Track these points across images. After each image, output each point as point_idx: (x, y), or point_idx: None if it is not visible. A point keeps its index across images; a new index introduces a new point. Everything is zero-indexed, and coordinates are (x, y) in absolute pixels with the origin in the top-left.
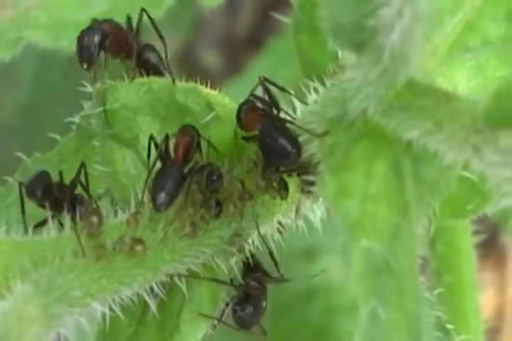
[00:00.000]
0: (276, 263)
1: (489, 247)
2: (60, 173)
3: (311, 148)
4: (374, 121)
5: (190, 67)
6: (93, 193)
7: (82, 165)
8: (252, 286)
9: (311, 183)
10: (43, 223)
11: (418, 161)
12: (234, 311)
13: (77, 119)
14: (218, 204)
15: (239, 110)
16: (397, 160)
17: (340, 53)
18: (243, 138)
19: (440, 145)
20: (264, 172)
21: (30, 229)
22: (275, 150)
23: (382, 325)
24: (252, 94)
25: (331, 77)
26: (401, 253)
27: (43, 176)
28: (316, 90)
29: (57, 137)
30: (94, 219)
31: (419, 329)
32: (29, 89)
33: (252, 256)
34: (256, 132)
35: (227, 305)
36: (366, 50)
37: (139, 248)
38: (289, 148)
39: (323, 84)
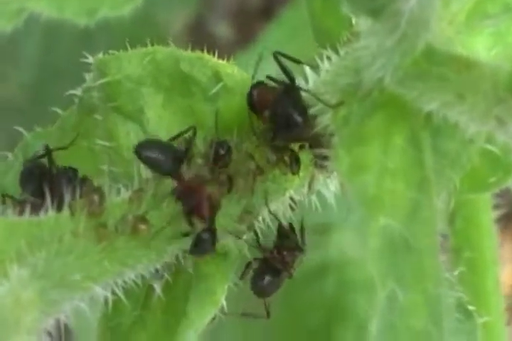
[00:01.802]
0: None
1: (508, 221)
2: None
3: (325, 120)
4: (390, 92)
5: (202, 38)
6: (95, 169)
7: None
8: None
9: (325, 157)
10: (41, 203)
11: (438, 134)
12: (254, 281)
13: (78, 92)
14: (229, 179)
15: (250, 93)
16: (416, 133)
17: (354, 20)
18: (253, 108)
19: (461, 117)
20: (273, 142)
21: (28, 210)
22: (284, 121)
23: (400, 308)
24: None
25: (345, 46)
26: (420, 231)
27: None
28: (329, 59)
29: (59, 111)
30: (95, 197)
31: (439, 311)
32: (35, 65)
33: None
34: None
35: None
36: (383, 16)
37: (142, 227)
38: (299, 118)
39: (336, 52)
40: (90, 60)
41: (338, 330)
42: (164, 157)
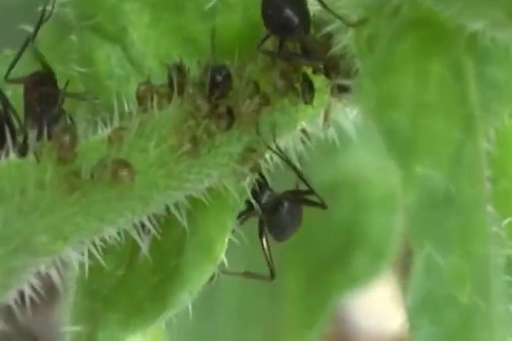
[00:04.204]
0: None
1: None
2: None
3: (344, 39)
4: (425, 8)
5: None
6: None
7: None
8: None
9: (344, 83)
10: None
11: (484, 60)
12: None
13: (51, 8)
14: (229, 112)
15: None
16: (457, 59)
17: None
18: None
19: None
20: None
21: None
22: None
23: (440, 275)
24: None
25: None
26: (464, 180)
27: None
28: None
29: (30, 29)
30: (66, 138)
31: (487, 278)
32: None
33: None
34: None
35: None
36: None
37: (124, 173)
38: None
39: None
40: None
41: (353, 255)
42: None
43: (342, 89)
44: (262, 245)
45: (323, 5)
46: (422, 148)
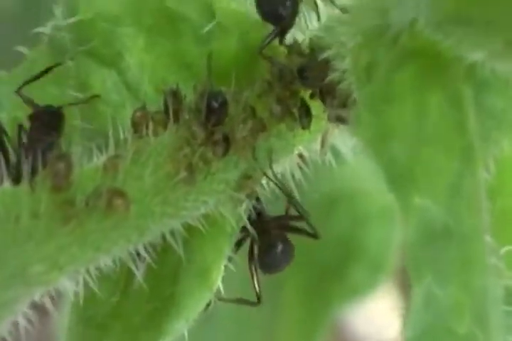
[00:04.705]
0: (300, 213)
1: None
2: None
3: (342, 65)
4: (425, 37)
5: None
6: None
7: None
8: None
9: (342, 108)
10: None
11: (483, 88)
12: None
13: (48, 30)
14: (225, 139)
15: None
16: (456, 89)
17: None
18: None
19: None
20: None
21: None
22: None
23: (439, 307)
24: None
25: None
26: (463, 211)
27: None
28: None
29: (24, 51)
30: (61, 166)
31: (485, 307)
32: None
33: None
34: None
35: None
36: None
37: (119, 202)
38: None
39: None
40: None
41: (351, 268)
42: None
43: (339, 119)
44: (251, 271)
45: (321, 30)
46: (421, 180)
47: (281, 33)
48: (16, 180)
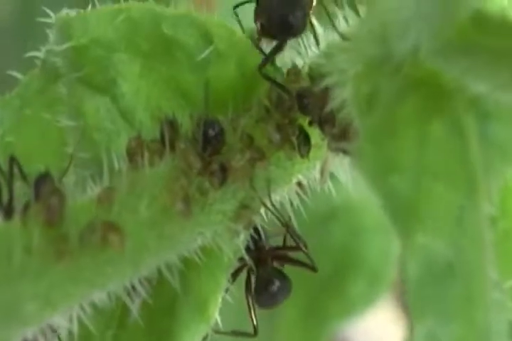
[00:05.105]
0: (297, 243)
1: None
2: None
3: (342, 94)
4: (427, 67)
5: None
6: (58, 153)
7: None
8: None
9: (341, 137)
10: None
11: (487, 119)
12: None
13: (41, 54)
14: (222, 168)
15: None
16: (459, 119)
17: None
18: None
19: None
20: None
21: None
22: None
23: None
24: None
25: (367, 3)
26: (467, 246)
27: None
28: (346, 20)
29: (18, 75)
30: (54, 200)
31: None
32: None
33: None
34: None
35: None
36: None
37: (113, 237)
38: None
39: (356, 12)
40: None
41: (350, 282)
42: None
43: (339, 149)
44: (248, 303)
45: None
46: (423, 214)
47: (281, 48)
48: (8, 214)
